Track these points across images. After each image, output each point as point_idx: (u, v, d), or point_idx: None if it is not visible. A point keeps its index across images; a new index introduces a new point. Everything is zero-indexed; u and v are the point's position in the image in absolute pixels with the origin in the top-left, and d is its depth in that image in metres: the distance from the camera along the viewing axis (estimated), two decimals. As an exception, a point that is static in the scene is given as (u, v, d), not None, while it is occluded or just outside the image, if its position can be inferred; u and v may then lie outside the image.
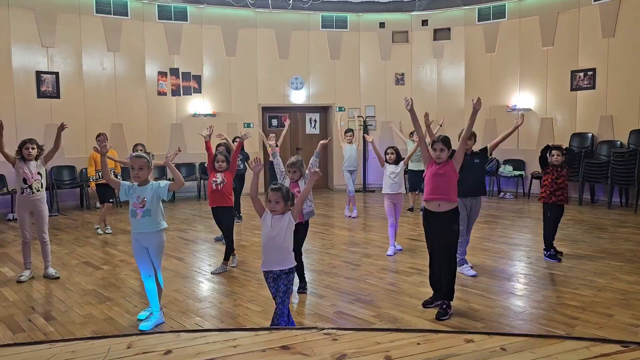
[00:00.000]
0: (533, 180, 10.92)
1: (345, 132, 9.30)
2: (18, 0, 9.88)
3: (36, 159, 5.44)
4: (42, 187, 5.46)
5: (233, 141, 8.29)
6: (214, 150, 6.08)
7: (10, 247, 7.04)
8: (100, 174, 7.81)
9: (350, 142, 9.13)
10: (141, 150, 7.42)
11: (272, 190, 3.60)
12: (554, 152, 5.90)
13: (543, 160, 5.96)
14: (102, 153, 4.27)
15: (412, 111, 4.38)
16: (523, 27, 11.32)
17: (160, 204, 4.10)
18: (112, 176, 4.48)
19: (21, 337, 3.96)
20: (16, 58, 9.97)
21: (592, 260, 5.86)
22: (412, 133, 9.86)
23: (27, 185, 5.36)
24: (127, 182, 4.12)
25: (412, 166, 9.22)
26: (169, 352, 2.60)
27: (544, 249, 6.02)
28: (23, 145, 5.39)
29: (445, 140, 4.32)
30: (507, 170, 11.35)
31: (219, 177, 5.69)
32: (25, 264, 5.55)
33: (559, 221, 6.06)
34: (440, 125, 8.94)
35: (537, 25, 11.10)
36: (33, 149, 5.40)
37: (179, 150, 5.80)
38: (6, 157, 5.36)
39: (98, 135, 7.88)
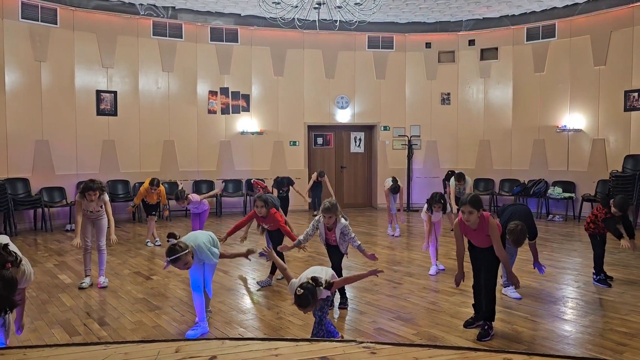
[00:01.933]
0: (584, 202, 10.59)
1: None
2: (82, 24, 10.54)
3: (99, 197, 5.68)
4: (102, 210, 5.80)
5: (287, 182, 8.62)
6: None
7: (68, 256, 7.44)
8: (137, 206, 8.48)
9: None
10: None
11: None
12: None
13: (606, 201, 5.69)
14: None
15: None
16: (574, 46, 11.12)
17: (216, 248, 4.38)
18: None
19: (77, 340, 4.20)
20: (79, 78, 10.60)
21: (644, 287, 5.65)
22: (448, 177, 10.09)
23: (89, 211, 5.71)
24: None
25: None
26: (214, 357, 2.73)
27: (594, 273, 5.85)
28: (86, 190, 5.60)
29: (474, 202, 4.06)
30: (556, 192, 11.06)
31: (265, 225, 5.91)
32: (86, 270, 5.86)
33: (604, 244, 5.86)
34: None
35: (588, 44, 10.87)
36: (95, 195, 5.61)
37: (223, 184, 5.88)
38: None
39: (152, 182, 8.16)
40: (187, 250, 4.03)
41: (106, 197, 5.79)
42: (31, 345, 3.37)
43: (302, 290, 3.46)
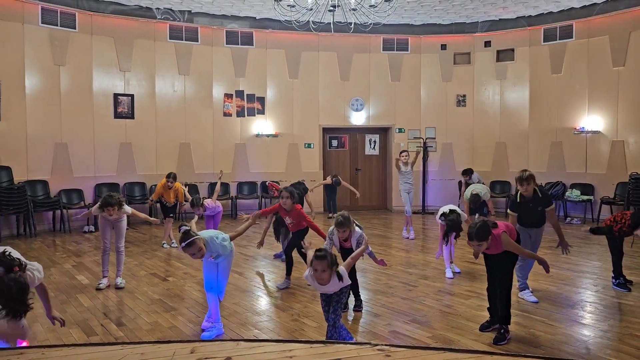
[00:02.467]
0: (602, 205, 10.44)
1: (400, 153, 9.31)
2: (100, 28, 10.69)
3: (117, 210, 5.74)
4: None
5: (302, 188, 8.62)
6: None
7: (86, 257, 7.54)
8: (159, 199, 8.50)
9: (406, 163, 9.10)
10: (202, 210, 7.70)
11: (317, 259, 3.51)
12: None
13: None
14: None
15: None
16: (592, 47, 10.97)
17: (226, 241, 4.36)
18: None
19: (94, 340, 4.24)
20: (97, 81, 10.75)
21: (665, 291, 5.54)
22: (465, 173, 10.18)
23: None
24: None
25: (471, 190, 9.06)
26: (228, 358, 2.74)
27: (613, 277, 5.76)
28: (105, 205, 5.66)
29: (479, 235, 3.99)
30: (574, 194, 10.91)
31: (288, 219, 5.89)
32: (103, 272, 5.93)
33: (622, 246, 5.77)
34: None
35: (607, 45, 10.73)
36: (114, 210, 5.66)
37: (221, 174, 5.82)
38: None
39: (168, 175, 8.34)
40: (199, 236, 4.12)
41: (127, 208, 5.85)
42: (50, 345, 3.42)
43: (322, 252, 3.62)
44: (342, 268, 3.70)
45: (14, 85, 9.61)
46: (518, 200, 5.25)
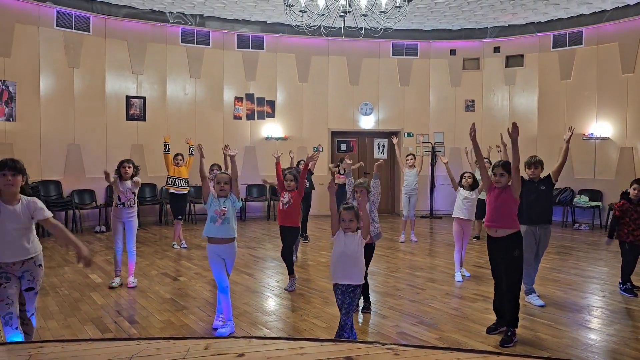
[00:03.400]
0: (611, 211, 10.42)
1: (407, 157, 9.35)
2: (114, 32, 10.86)
3: (131, 178, 5.92)
4: (134, 204, 5.97)
5: (298, 164, 8.57)
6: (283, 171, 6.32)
7: (98, 257, 7.66)
8: (172, 181, 8.57)
9: (412, 167, 9.15)
10: (217, 170, 7.88)
11: (345, 210, 3.86)
12: (635, 186, 5.67)
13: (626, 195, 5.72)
14: (201, 155, 5.18)
15: (474, 140, 4.47)
16: (601, 54, 11.00)
17: (235, 215, 4.49)
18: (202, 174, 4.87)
19: (108, 337, 4.34)
20: (109, 84, 10.91)
21: (672, 297, 5.56)
22: (476, 162, 9.84)
23: (120, 202, 5.89)
24: (212, 193, 4.52)
25: (483, 195, 9.10)
26: (241, 355, 2.82)
27: (620, 282, 5.79)
28: (121, 164, 5.96)
29: (506, 166, 4.35)
30: (582, 200, 10.91)
31: (286, 197, 5.92)
32: (116, 271, 6.04)
33: (637, 259, 5.80)
34: (499, 152, 8.90)
35: (616, 52, 10.74)
36: (130, 167, 5.95)
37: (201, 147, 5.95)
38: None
39: (176, 155, 8.59)
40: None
41: (139, 179, 6.00)
42: (68, 339, 3.52)
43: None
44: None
45: (29, 86, 9.78)
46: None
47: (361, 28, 8.65)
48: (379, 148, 13.40)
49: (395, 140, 8.91)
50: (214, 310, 5.03)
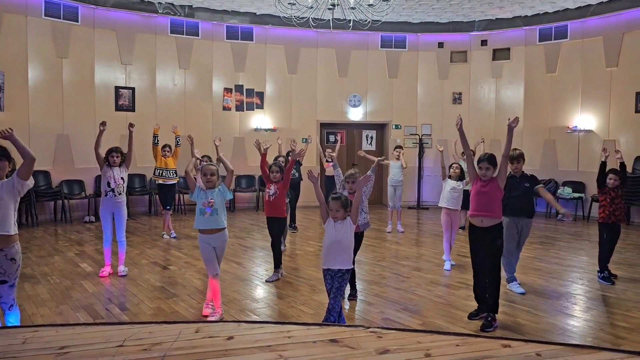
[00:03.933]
0: (593, 203, 10.67)
1: (395, 148, 9.51)
2: (102, 22, 10.83)
3: (120, 166, 6.02)
4: (123, 192, 6.04)
5: (287, 155, 8.61)
6: (269, 162, 6.40)
7: (88, 246, 7.72)
8: (160, 172, 8.72)
9: (397, 159, 9.29)
10: (207, 161, 7.94)
11: (333, 200, 4.01)
12: (611, 176, 5.90)
13: (601, 180, 5.95)
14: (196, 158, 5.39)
15: (461, 130, 4.60)
16: (586, 48, 11.18)
17: (224, 205, 4.60)
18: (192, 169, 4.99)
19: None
20: (98, 74, 10.90)
21: (647, 285, 5.77)
22: (463, 153, 9.96)
23: (110, 189, 5.95)
24: (199, 185, 4.60)
25: (469, 187, 9.27)
26: (231, 337, 2.94)
27: (598, 271, 5.99)
28: (109, 152, 6.05)
29: (491, 159, 4.48)
30: (566, 192, 11.14)
31: (272, 189, 6.02)
32: (106, 261, 6.10)
33: (615, 242, 6.02)
34: (483, 141, 9.19)
35: (600, 46, 10.94)
36: (117, 156, 6.04)
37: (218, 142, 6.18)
38: (98, 158, 5.97)
39: (164, 147, 8.76)
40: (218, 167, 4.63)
41: (125, 167, 6.14)
42: (63, 323, 3.61)
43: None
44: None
45: (17, 76, 9.75)
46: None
47: (350, 20, 8.74)
48: (367, 139, 13.52)
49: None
50: (203, 297, 5.13)
